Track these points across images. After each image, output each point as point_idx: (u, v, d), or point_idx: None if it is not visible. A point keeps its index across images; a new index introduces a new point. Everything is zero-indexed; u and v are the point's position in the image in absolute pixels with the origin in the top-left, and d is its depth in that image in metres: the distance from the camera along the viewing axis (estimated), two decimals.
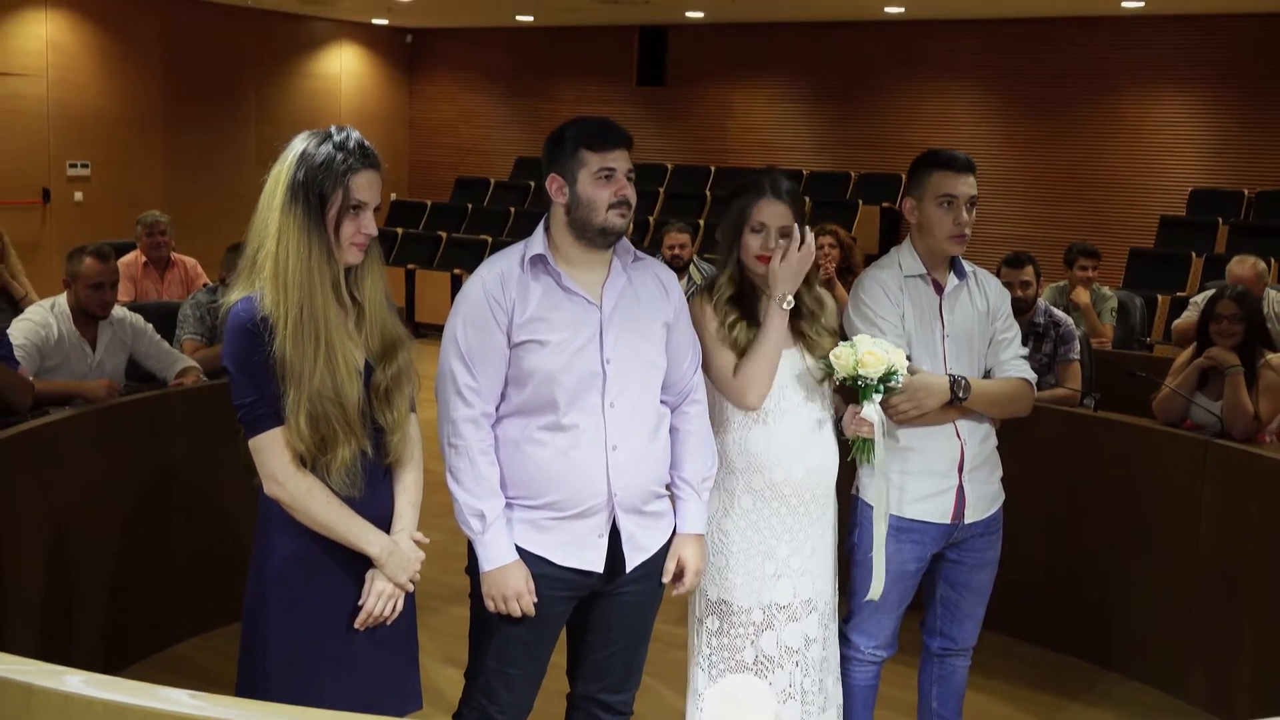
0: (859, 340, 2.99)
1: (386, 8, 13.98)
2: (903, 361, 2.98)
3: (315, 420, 2.35)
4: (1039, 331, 5.46)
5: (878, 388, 2.96)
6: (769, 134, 14.10)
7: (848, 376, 2.96)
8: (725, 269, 3.07)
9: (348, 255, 2.44)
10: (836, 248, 7.00)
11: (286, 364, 2.33)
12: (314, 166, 2.38)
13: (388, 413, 2.49)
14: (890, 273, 3.26)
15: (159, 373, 5.12)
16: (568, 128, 2.75)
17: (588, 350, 2.70)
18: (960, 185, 3.20)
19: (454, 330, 2.72)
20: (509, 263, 2.74)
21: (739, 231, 3.03)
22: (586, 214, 2.70)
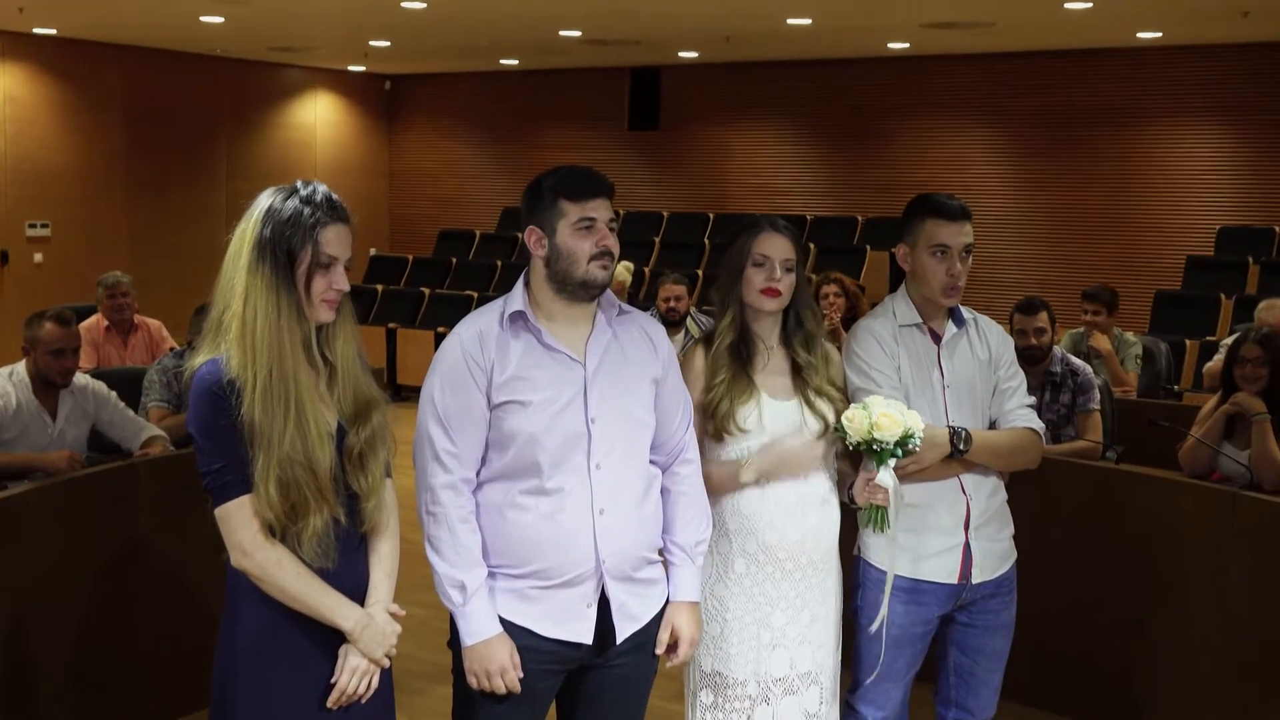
0: (872, 402, 3.04)
1: (363, 54, 14.19)
2: (919, 424, 3.02)
3: (285, 487, 2.40)
4: (1055, 381, 5.52)
5: (894, 452, 3.01)
6: (770, 178, 14.24)
7: (861, 441, 3.00)
8: (726, 314, 3.14)
9: (319, 313, 2.51)
10: (842, 296, 7.07)
11: (255, 428, 2.38)
12: (281, 222, 2.45)
13: (362, 478, 2.53)
14: (884, 322, 3.33)
15: (123, 443, 5.16)
16: (545, 177, 2.83)
17: (571, 410, 2.76)
18: (954, 234, 3.27)
19: (431, 392, 2.78)
20: (488, 320, 2.81)
21: (740, 268, 3.12)
22: (567, 267, 2.78)
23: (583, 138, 15.21)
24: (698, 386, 3.10)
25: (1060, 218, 12.73)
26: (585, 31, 11.87)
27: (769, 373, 3.14)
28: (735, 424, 3.06)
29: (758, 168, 14.33)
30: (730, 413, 3.06)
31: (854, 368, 3.26)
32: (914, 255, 3.31)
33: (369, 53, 14.07)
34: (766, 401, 3.10)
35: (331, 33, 12.53)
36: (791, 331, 3.17)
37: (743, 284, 3.12)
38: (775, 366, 3.16)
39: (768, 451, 3.06)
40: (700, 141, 14.64)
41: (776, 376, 3.15)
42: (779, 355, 3.18)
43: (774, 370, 3.15)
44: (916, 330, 3.32)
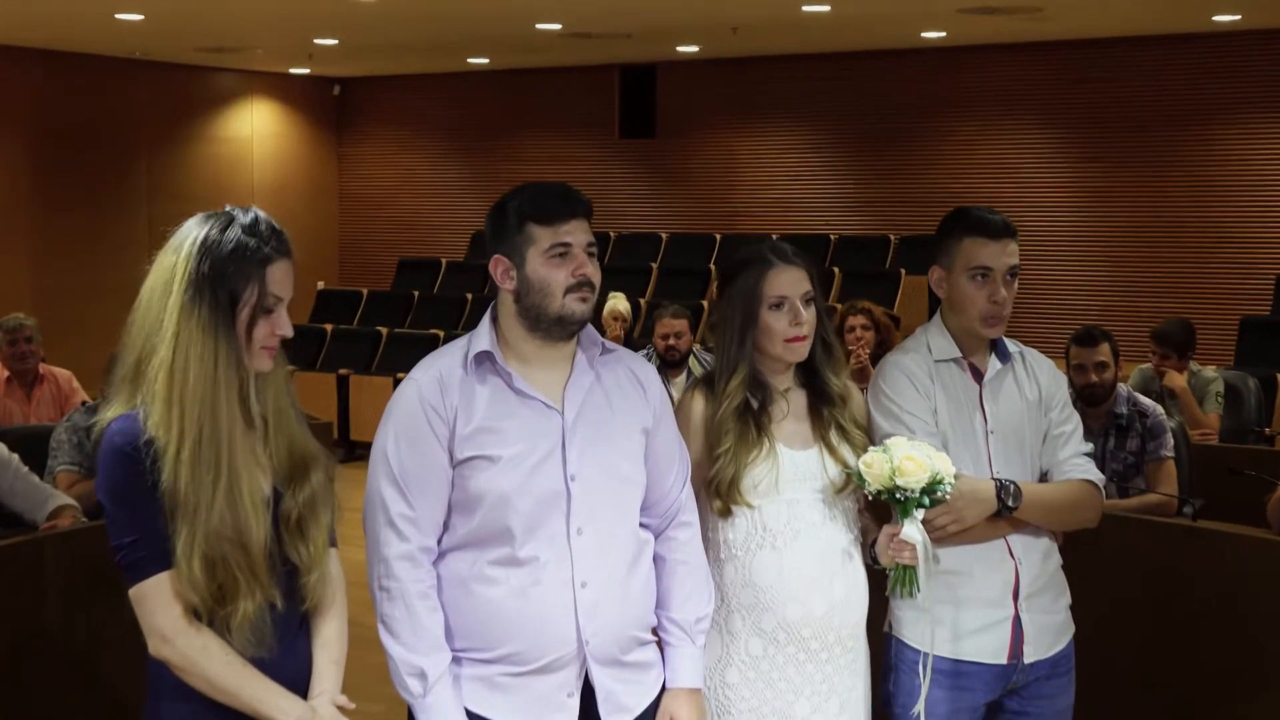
0: (894, 444, 3.06)
1: (307, 54, 14.29)
2: (949, 468, 3.04)
3: (212, 565, 2.40)
4: (1121, 424, 5.56)
5: (920, 501, 3.03)
6: (785, 192, 14.34)
7: (882, 489, 3.03)
8: (734, 372, 3.16)
9: (258, 361, 2.53)
10: (871, 329, 7.12)
11: (179, 497, 2.39)
12: (222, 257, 2.47)
13: (301, 548, 2.55)
14: (917, 357, 3.35)
15: (26, 514, 5.16)
16: (510, 198, 2.87)
17: (548, 466, 2.79)
18: (997, 254, 3.30)
19: (384, 447, 2.80)
20: (449, 362, 2.84)
21: (752, 314, 3.14)
22: (540, 301, 2.81)
23: (566, 149, 15.33)
24: (696, 443, 3.13)
25: (1126, 234, 12.77)
26: (566, 24, 11.95)
27: (786, 420, 3.18)
28: (743, 494, 3.09)
29: (771, 181, 14.43)
30: (737, 480, 3.09)
31: (882, 410, 3.29)
32: (950, 280, 3.34)
33: (314, 53, 14.18)
34: (784, 454, 3.13)
35: (270, 30, 12.62)
36: (814, 359, 3.22)
37: (758, 333, 3.15)
38: (793, 410, 3.20)
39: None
40: (703, 151, 14.75)
41: (794, 422, 3.19)
42: (796, 397, 3.22)
43: (792, 415, 3.19)
44: (954, 366, 3.35)
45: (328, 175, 16.78)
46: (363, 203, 16.82)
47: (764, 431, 3.13)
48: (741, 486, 3.09)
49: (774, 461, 3.11)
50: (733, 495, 3.09)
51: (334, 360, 12.64)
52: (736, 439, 3.11)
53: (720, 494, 3.09)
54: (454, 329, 12.80)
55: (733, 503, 3.09)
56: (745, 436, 3.12)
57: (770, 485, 3.10)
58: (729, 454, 3.10)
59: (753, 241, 3.33)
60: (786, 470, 3.11)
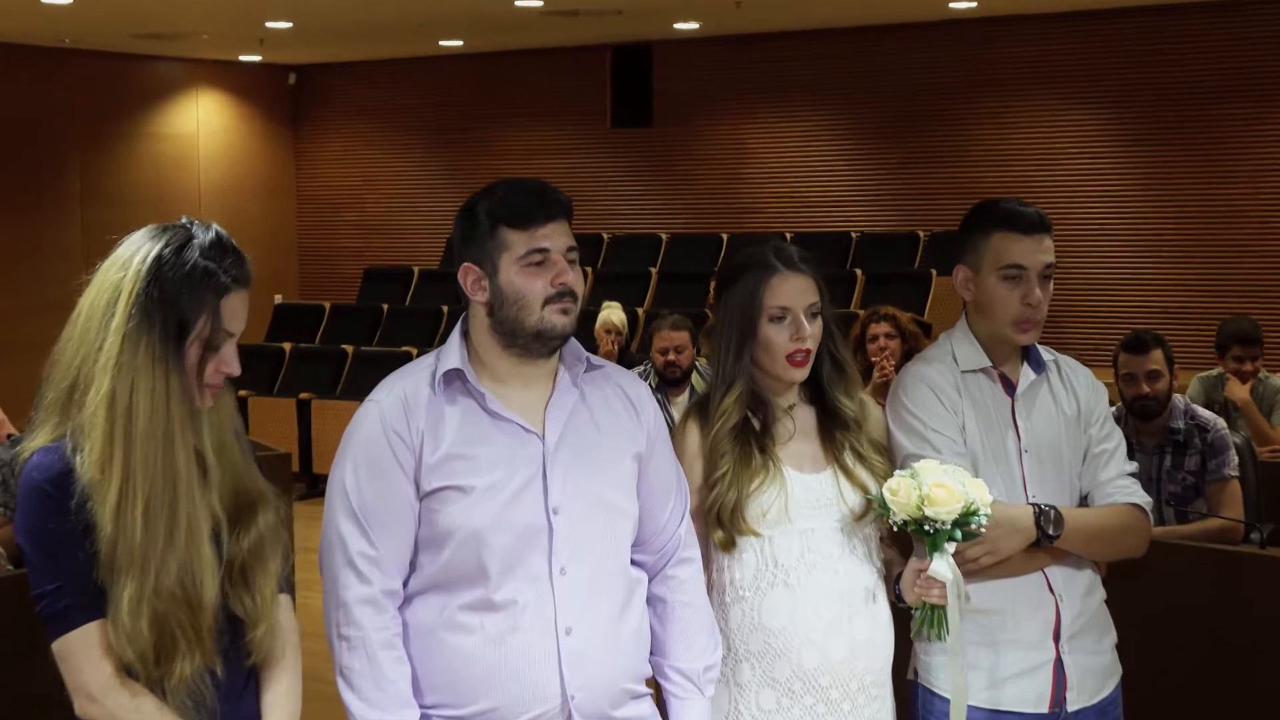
0: (923, 469, 3.06)
1: (258, 39, 14.31)
2: (985, 497, 3.05)
3: (160, 624, 2.41)
4: (1179, 440, 5.56)
5: (952, 534, 3.03)
6: (800, 186, 14.36)
7: (909, 520, 3.03)
8: (730, 388, 3.18)
9: (199, 397, 2.53)
10: (896, 338, 7.13)
11: (129, 548, 2.38)
12: (175, 280, 2.46)
13: (246, 598, 2.56)
14: (942, 368, 3.37)
15: None
16: (480, 199, 2.89)
17: (526, 497, 2.81)
18: (1030, 251, 3.32)
19: (341, 479, 2.82)
20: (414, 382, 2.86)
21: (750, 326, 3.16)
22: (516, 314, 2.84)
23: (552, 140, 15.35)
24: (695, 474, 3.14)
25: (1182, 226, 12.71)
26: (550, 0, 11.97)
27: (793, 441, 3.20)
28: (747, 522, 3.10)
29: (783, 173, 14.45)
30: (740, 507, 3.10)
31: (905, 428, 3.30)
32: (978, 280, 3.36)
33: (265, 38, 14.20)
34: (793, 478, 3.14)
35: (215, 13, 12.62)
36: (821, 378, 3.24)
37: (756, 347, 3.17)
38: (800, 429, 3.22)
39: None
40: (706, 141, 14.77)
41: (802, 442, 3.21)
42: (804, 414, 3.24)
43: (799, 435, 3.21)
44: (983, 378, 3.37)
45: (283, 175, 16.81)
46: (324, 205, 16.84)
47: (767, 453, 3.14)
48: (747, 514, 3.10)
49: (781, 486, 3.12)
50: (737, 524, 3.10)
51: (293, 383, 12.65)
52: (735, 461, 3.12)
53: (722, 523, 3.11)
54: (428, 346, 12.81)
55: (737, 532, 3.10)
56: (745, 459, 3.13)
57: (780, 513, 3.11)
58: (727, 478, 3.11)
59: (761, 242, 3.33)
60: (798, 496, 3.13)
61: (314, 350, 13.15)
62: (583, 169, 15.08)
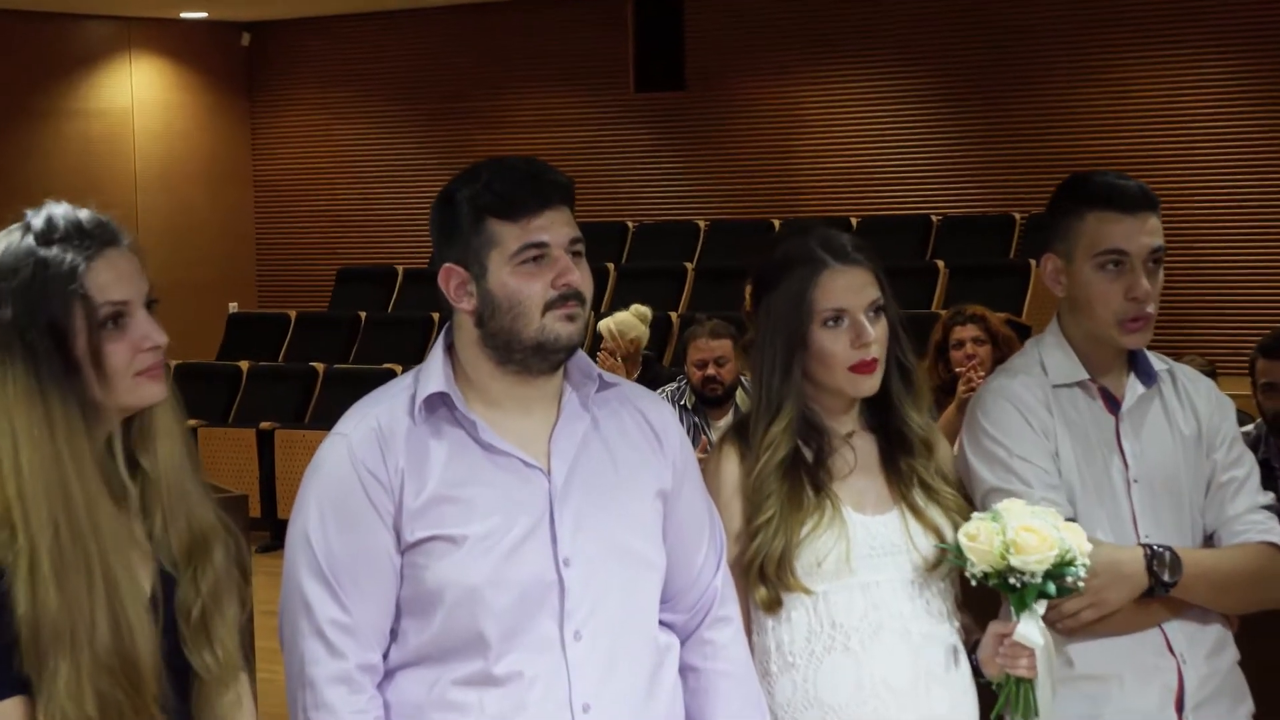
0: (1007, 509, 3.05)
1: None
2: (1083, 544, 3.04)
3: (105, 704, 2.40)
4: None
5: (1044, 589, 3.02)
6: (868, 160, 14.33)
7: (991, 572, 3.03)
8: (777, 414, 3.18)
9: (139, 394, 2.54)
10: (986, 343, 7.15)
11: (52, 625, 2.38)
12: (20, 290, 2.45)
13: (206, 652, 2.57)
14: (1029, 381, 3.39)
15: None
16: (461, 185, 2.89)
17: (531, 547, 2.82)
18: (1133, 233, 3.33)
19: (304, 530, 2.84)
20: (390, 409, 2.88)
21: (799, 335, 3.16)
22: (510, 323, 2.84)
23: (564, 110, 15.34)
24: (733, 516, 3.16)
25: None
26: None
27: (853, 476, 3.21)
28: (798, 577, 3.10)
29: (846, 144, 14.43)
30: (788, 558, 3.10)
31: (985, 457, 3.32)
32: (1071, 271, 3.38)
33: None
34: (854, 521, 3.14)
35: None
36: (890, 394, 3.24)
37: (809, 360, 3.17)
38: (861, 462, 3.23)
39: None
40: (751, 107, 14.77)
41: (864, 477, 3.22)
42: (864, 443, 3.25)
43: (860, 469, 3.22)
44: (1080, 393, 3.38)
45: (237, 156, 16.87)
46: (287, 193, 16.90)
47: (824, 491, 3.15)
48: (796, 566, 3.10)
49: (841, 531, 3.12)
50: (784, 579, 3.10)
51: (252, 410, 12.69)
52: (784, 502, 3.13)
53: (766, 578, 3.11)
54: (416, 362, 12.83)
55: (785, 589, 3.11)
56: (797, 498, 3.14)
57: (839, 563, 3.11)
58: (774, 523, 3.12)
59: (804, 232, 3.30)
60: (860, 542, 3.13)
61: (276, 370, 13.21)
62: (601, 144, 15.10)
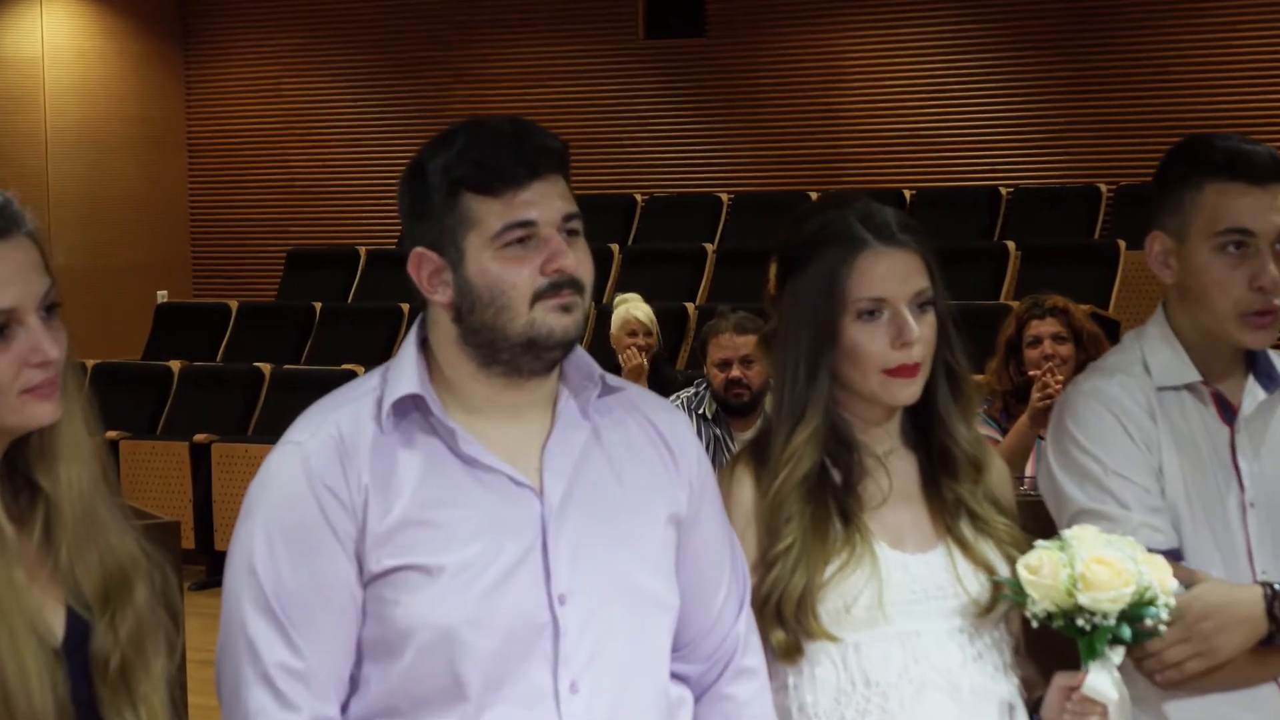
0: (1077, 537, 3.05)
1: None
2: (1167, 579, 3.04)
3: None
4: None
5: (1118, 633, 3.03)
6: (924, 119, 14.34)
7: (1056, 611, 3.03)
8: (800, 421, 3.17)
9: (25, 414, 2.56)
10: (1068, 341, 7.16)
11: None
12: None
13: (126, 711, 2.59)
14: (1128, 383, 3.39)
15: None
16: (432, 153, 2.89)
17: (520, 581, 2.83)
18: (1260, 210, 3.33)
19: (248, 558, 2.84)
20: (353, 414, 2.89)
21: (829, 328, 3.16)
22: (494, 317, 2.84)
23: (560, 61, 15.37)
24: (747, 547, 3.15)
25: None
26: None
27: (889, 504, 3.20)
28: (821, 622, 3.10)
29: (898, 102, 14.46)
30: (810, 599, 3.09)
31: (1075, 472, 3.33)
32: (1183, 254, 3.38)
33: None
34: (889, 559, 3.14)
35: None
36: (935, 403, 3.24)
37: (839, 359, 3.17)
38: (899, 486, 3.22)
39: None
40: (784, 57, 14.81)
41: (902, 506, 3.22)
42: (904, 463, 3.26)
43: (896, 497, 3.21)
44: (1189, 398, 3.39)
45: (169, 117, 16.91)
46: (228, 161, 16.93)
47: (853, 520, 3.14)
48: (821, 610, 3.09)
49: (873, 570, 3.11)
50: (806, 623, 3.09)
51: (184, 419, 12.71)
52: (806, 529, 3.11)
53: (784, 620, 3.10)
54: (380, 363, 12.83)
55: (806, 635, 3.09)
56: (820, 527, 3.12)
57: (872, 609, 3.10)
58: (794, 552, 3.11)
59: (844, 205, 3.26)
60: (897, 585, 3.12)
61: (214, 371, 13.23)
62: (604, 101, 15.13)
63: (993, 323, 8.09)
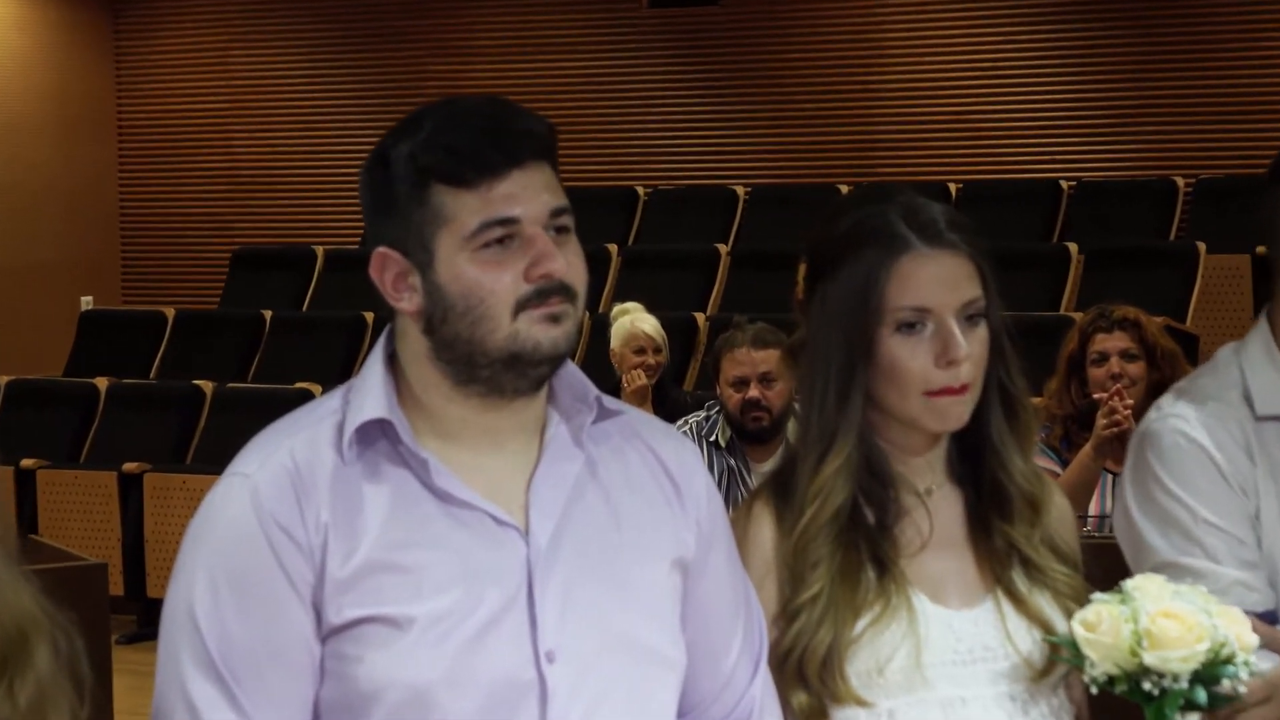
0: (1140, 589, 3.04)
1: None
2: (1246, 634, 3.03)
3: None
4: None
5: (1192, 694, 3.01)
6: (973, 105, 14.36)
7: (1119, 673, 3.02)
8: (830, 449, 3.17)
9: None
10: (1139, 359, 7.18)
11: None
12: None
13: None
14: (1223, 414, 3.41)
15: None
16: (399, 137, 2.88)
17: (502, 634, 2.83)
18: None
19: (189, 605, 2.85)
20: (311, 441, 2.89)
21: (864, 340, 3.16)
22: (470, 329, 2.85)
23: (550, 30, 15.38)
24: (766, 596, 3.16)
25: None
26: None
27: (930, 549, 3.22)
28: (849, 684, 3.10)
29: (943, 82, 14.49)
30: (837, 656, 3.10)
31: (1159, 519, 3.35)
32: None
33: None
34: (930, 615, 3.16)
35: None
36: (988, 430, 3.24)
37: (874, 376, 3.17)
38: (942, 529, 3.24)
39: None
40: (810, 29, 14.84)
41: (945, 553, 3.23)
42: (948, 501, 3.27)
43: (939, 542, 3.23)
44: None
45: (96, 95, 16.94)
46: (163, 146, 16.96)
47: (889, 569, 3.15)
48: (850, 670, 3.10)
49: (910, 625, 3.12)
50: (832, 684, 3.09)
51: (113, 445, 12.72)
52: (835, 577, 3.12)
53: (806, 680, 3.11)
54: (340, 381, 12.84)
55: (833, 699, 3.10)
56: (852, 575, 3.13)
57: (909, 670, 3.11)
58: (820, 603, 3.11)
59: (887, 199, 3.25)
60: (939, 645, 3.14)
61: (147, 390, 13.23)
62: (602, 80, 15.17)
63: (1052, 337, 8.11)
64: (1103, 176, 13.83)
